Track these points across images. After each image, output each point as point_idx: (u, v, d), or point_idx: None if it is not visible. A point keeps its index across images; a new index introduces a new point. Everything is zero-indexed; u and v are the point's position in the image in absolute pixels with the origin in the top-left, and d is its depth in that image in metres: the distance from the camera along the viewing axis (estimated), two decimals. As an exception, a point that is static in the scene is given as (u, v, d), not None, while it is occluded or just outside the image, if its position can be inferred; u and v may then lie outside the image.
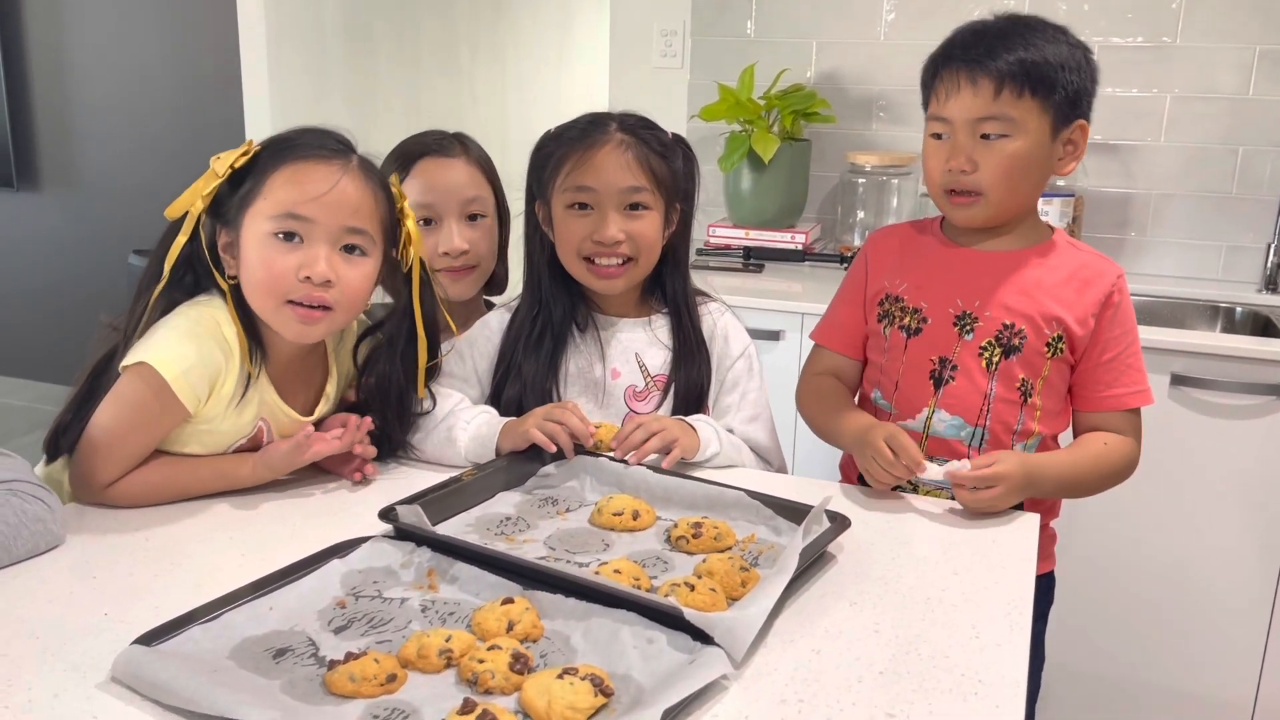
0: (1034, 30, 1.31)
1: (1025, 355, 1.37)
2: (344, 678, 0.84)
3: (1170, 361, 2.02)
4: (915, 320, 1.42)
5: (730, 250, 2.61)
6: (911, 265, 1.45)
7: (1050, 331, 1.36)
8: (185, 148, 3.78)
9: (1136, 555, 2.11)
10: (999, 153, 1.31)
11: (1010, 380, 1.37)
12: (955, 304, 1.39)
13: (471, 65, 3.91)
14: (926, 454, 1.38)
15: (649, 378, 1.46)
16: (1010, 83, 1.29)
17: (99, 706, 0.83)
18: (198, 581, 1.01)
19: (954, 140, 1.33)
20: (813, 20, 2.70)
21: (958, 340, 1.39)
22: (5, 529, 1.03)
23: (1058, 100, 1.30)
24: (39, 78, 4.05)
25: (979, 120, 1.31)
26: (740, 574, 1.03)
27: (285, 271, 1.18)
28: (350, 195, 1.20)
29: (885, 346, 1.45)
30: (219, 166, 1.20)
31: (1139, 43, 2.47)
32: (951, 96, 1.32)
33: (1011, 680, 0.91)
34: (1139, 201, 2.54)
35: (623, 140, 1.40)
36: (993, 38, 1.31)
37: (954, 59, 1.33)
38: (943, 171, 1.35)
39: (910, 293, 1.43)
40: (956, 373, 1.39)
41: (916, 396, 1.41)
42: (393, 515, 1.09)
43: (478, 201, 1.59)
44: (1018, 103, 1.29)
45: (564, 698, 0.81)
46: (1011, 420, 1.39)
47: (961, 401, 1.39)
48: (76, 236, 4.09)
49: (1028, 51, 1.29)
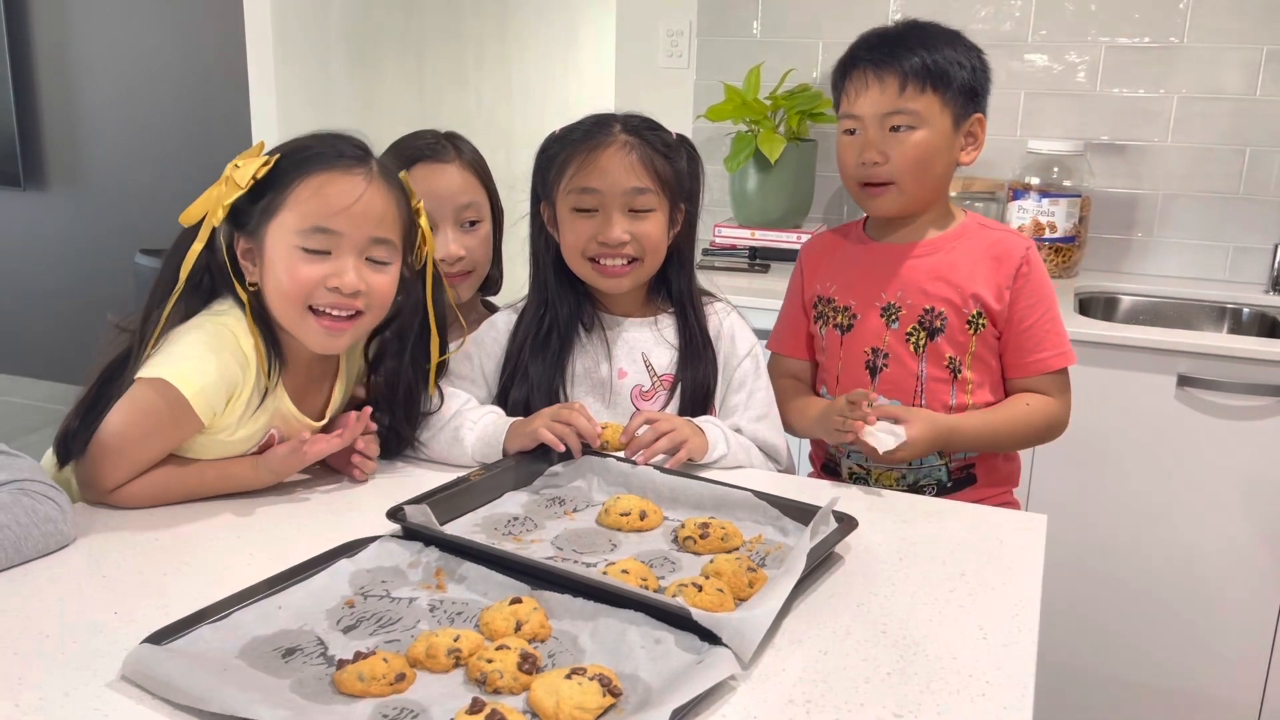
0: (930, 34, 1.44)
1: (949, 335, 1.47)
2: (353, 677, 0.85)
3: (1176, 362, 2.02)
4: (846, 318, 1.53)
5: (736, 250, 2.61)
6: (838, 267, 1.55)
7: (969, 309, 1.47)
8: (191, 148, 3.79)
9: (1141, 555, 2.11)
10: (906, 143, 1.42)
11: (939, 360, 1.48)
12: (880, 297, 1.50)
13: (478, 66, 3.92)
14: None
15: (655, 377, 1.47)
16: (913, 79, 1.40)
17: (109, 705, 0.83)
18: (207, 581, 1.02)
19: (865, 135, 1.44)
20: (819, 20, 2.70)
21: (885, 330, 1.50)
22: (16, 528, 1.03)
23: (954, 95, 1.42)
24: (46, 77, 4.06)
25: (886, 115, 1.42)
26: (748, 574, 1.03)
27: (311, 280, 1.19)
28: (376, 206, 1.21)
29: (823, 346, 1.56)
30: (240, 177, 1.19)
31: (1146, 43, 2.47)
32: (861, 94, 1.43)
33: (1020, 681, 0.91)
34: (1146, 202, 2.54)
35: (627, 141, 1.40)
36: (894, 41, 1.43)
37: (860, 60, 1.44)
38: (856, 165, 1.46)
39: (840, 293, 1.54)
40: (889, 360, 1.50)
41: (855, 387, 1.48)
42: (401, 515, 1.09)
43: (472, 208, 1.59)
44: (920, 97, 1.41)
45: (572, 698, 0.82)
46: (945, 397, 1.49)
47: (897, 386, 1.50)
48: (83, 235, 4.10)
49: (927, 51, 1.41)
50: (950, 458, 1.51)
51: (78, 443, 1.21)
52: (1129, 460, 2.09)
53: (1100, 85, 2.52)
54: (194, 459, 1.24)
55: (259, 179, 1.20)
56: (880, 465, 1.50)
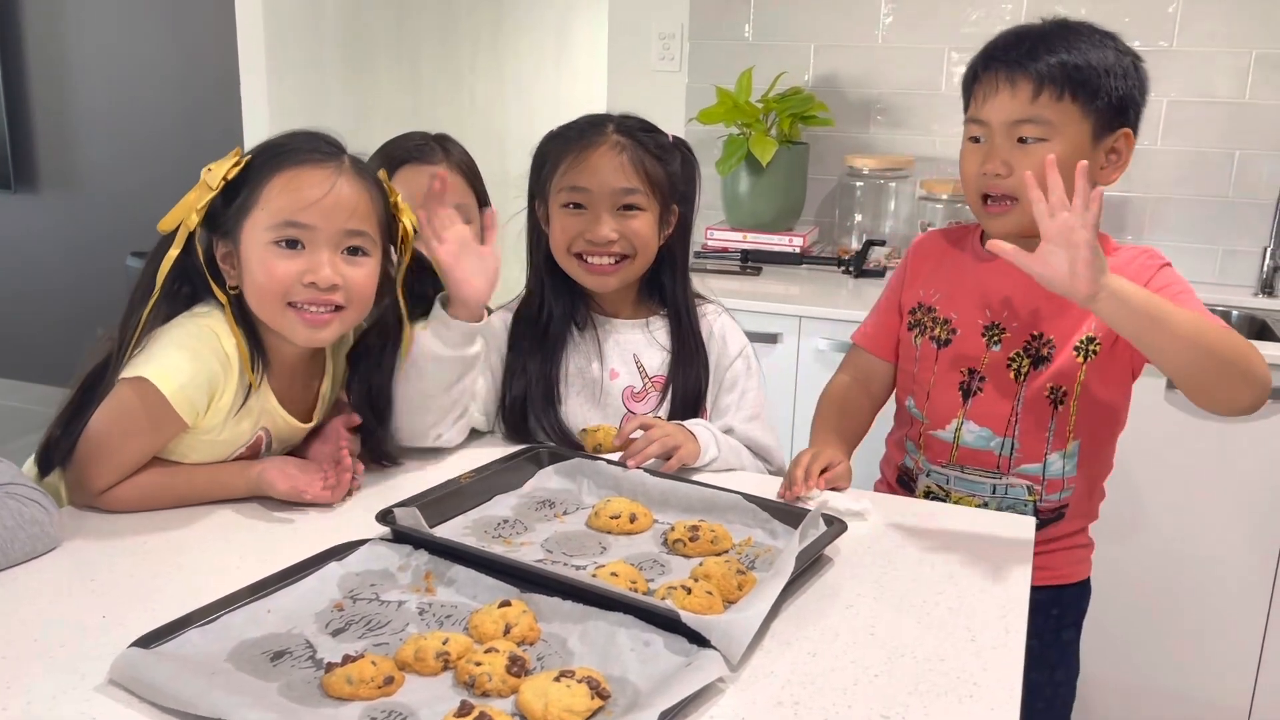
0: (1079, 34, 1.29)
1: (1055, 364, 1.34)
2: (341, 680, 0.85)
3: (1167, 365, 2.02)
4: (945, 331, 1.41)
5: (728, 253, 2.62)
6: (945, 275, 1.44)
7: (1078, 335, 1.33)
8: (183, 151, 3.78)
9: (1130, 557, 2.11)
10: (1035, 157, 1.25)
11: (1039, 389, 1.35)
12: (984, 315, 1.38)
13: (471, 70, 3.92)
14: (956, 462, 1.41)
15: (647, 379, 1.47)
16: (1049, 85, 1.25)
17: (97, 708, 0.83)
18: (196, 584, 1.01)
19: (990, 144, 1.31)
20: (811, 23, 2.70)
21: (985, 351, 1.38)
22: (2, 532, 1.03)
23: (1100, 106, 1.27)
24: (37, 80, 4.04)
25: (1016, 123, 1.28)
26: (737, 577, 1.03)
27: (288, 275, 1.18)
28: (347, 198, 1.20)
29: (916, 356, 1.45)
30: (211, 179, 1.19)
31: (1136, 47, 2.45)
32: (989, 98, 1.29)
33: (1007, 683, 0.91)
34: (1136, 205, 2.54)
35: (619, 142, 1.41)
36: (1034, 40, 1.28)
37: (994, 61, 1.30)
38: (978, 175, 1.32)
39: (942, 303, 1.42)
40: (985, 384, 1.38)
41: (946, 407, 1.41)
42: (390, 518, 1.09)
43: (461, 209, 1.59)
44: (1056, 106, 1.26)
45: (561, 700, 0.82)
46: (1043, 428, 1.36)
47: (989, 412, 1.38)
48: (74, 238, 4.08)
49: (1069, 54, 1.26)
50: (1041, 495, 1.38)
51: (59, 451, 1.20)
52: (1119, 463, 2.09)
53: (1091, 89, 2.52)
54: (184, 463, 1.23)
55: (230, 180, 1.19)
56: (961, 489, 1.41)
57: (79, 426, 1.19)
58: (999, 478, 1.40)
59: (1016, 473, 1.39)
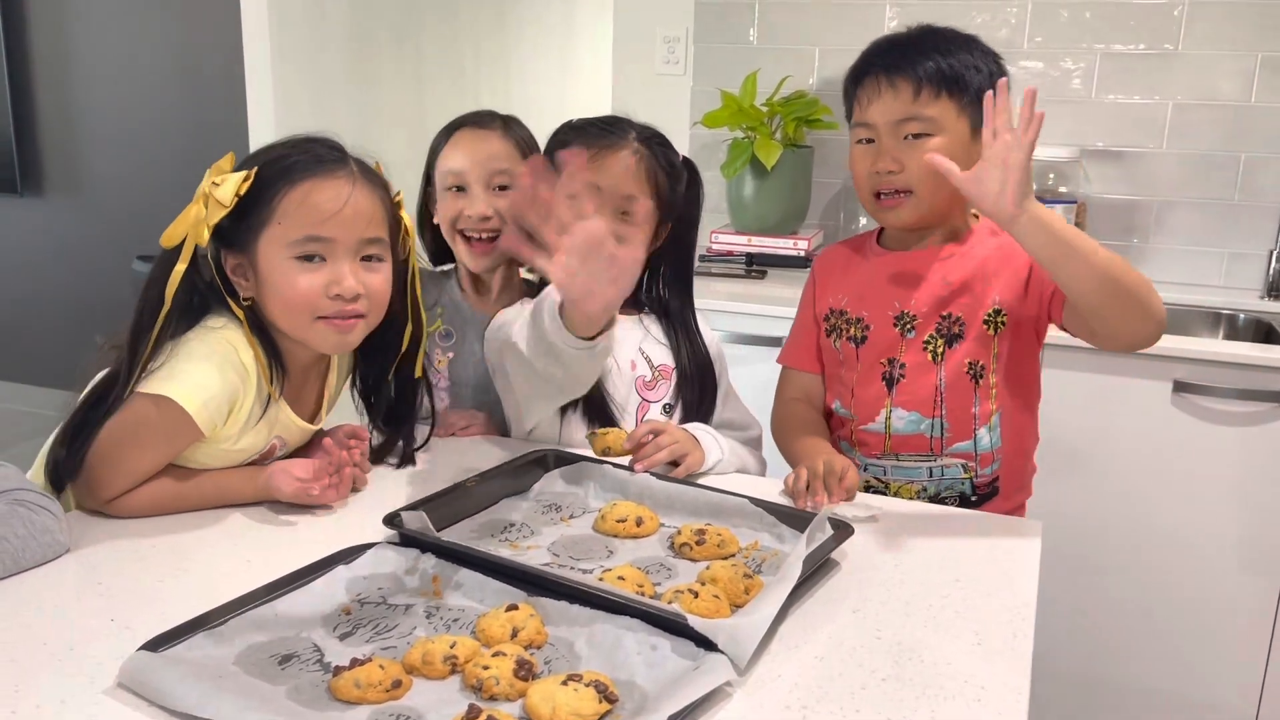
0: (945, 38, 1.40)
1: (968, 340, 1.42)
2: (349, 684, 0.85)
3: (1172, 368, 2.02)
4: (859, 329, 1.48)
5: (732, 256, 2.62)
6: (851, 279, 1.51)
7: (985, 309, 1.41)
8: (189, 154, 3.78)
9: (1137, 561, 2.11)
10: (922, 150, 1.35)
11: (958, 366, 1.43)
12: (893, 306, 1.46)
13: (475, 74, 3.92)
14: (891, 451, 1.46)
15: (654, 368, 1.50)
16: (927, 84, 1.36)
17: (106, 712, 0.83)
18: (204, 588, 1.02)
19: (879, 144, 1.39)
20: (815, 27, 2.71)
21: (901, 340, 1.45)
22: (15, 540, 1.03)
23: (971, 100, 1.37)
24: (43, 83, 4.06)
25: (900, 121, 1.37)
26: (744, 581, 1.03)
27: (312, 290, 1.20)
28: (364, 207, 1.22)
29: (840, 359, 1.51)
30: (222, 195, 1.18)
31: (1141, 50, 2.48)
32: (874, 101, 1.39)
33: (1014, 687, 0.91)
34: (1141, 208, 2.54)
35: (638, 150, 1.43)
36: (906, 46, 1.39)
37: (873, 66, 1.40)
38: (870, 174, 1.41)
39: (852, 304, 1.50)
40: (905, 369, 1.45)
41: (872, 400, 1.46)
42: (397, 521, 1.09)
43: (507, 174, 1.60)
44: (935, 103, 1.36)
45: (568, 704, 0.82)
46: (968, 404, 1.43)
47: (914, 396, 1.44)
48: (80, 242, 4.09)
49: (941, 56, 1.37)
50: (975, 471, 1.44)
51: (68, 468, 1.19)
52: (1125, 466, 2.09)
53: (1096, 92, 2.53)
54: (193, 469, 1.23)
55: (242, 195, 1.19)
56: (899, 478, 1.47)
57: (84, 445, 1.18)
58: (933, 460, 1.45)
59: (950, 452, 1.44)
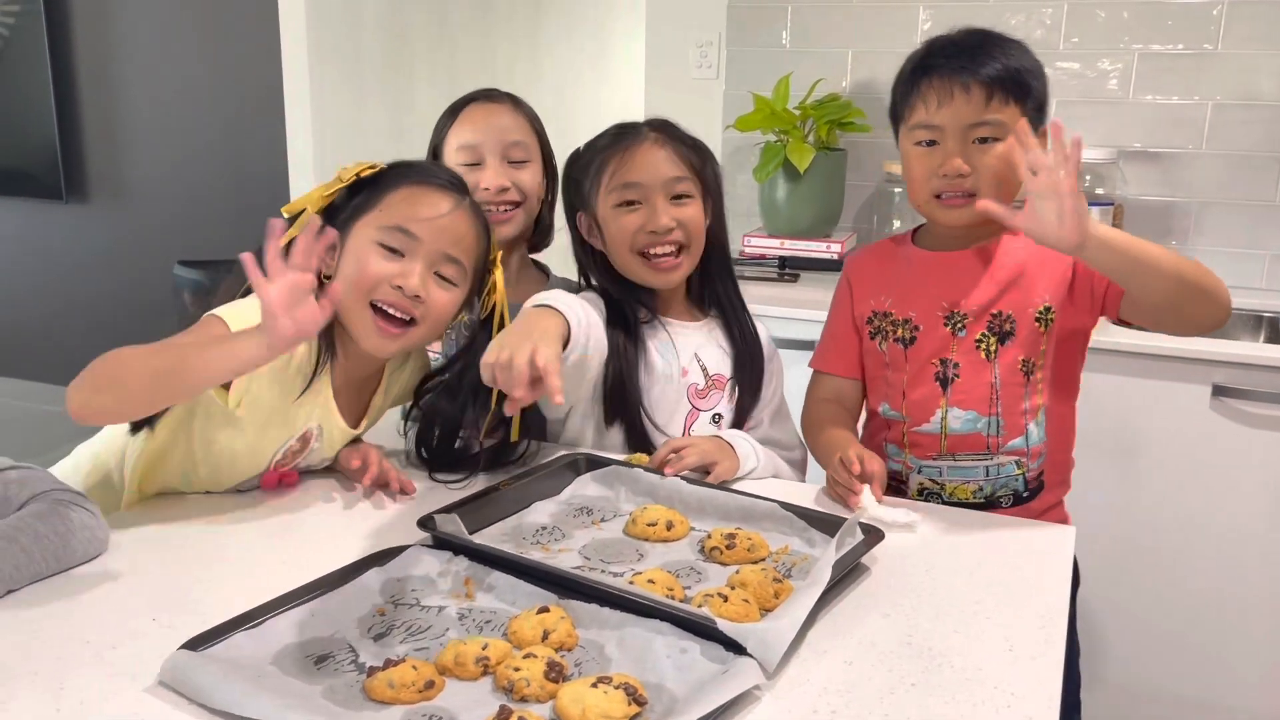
0: (1004, 43, 1.39)
1: (1020, 337, 1.41)
2: (383, 684, 0.86)
3: (1212, 372, 2.00)
4: (908, 330, 1.47)
5: (765, 260, 2.62)
6: (892, 281, 1.50)
7: (1034, 306, 1.41)
8: (228, 162, 3.85)
9: (1176, 566, 2.08)
10: (992, 155, 1.35)
11: (1011, 364, 1.42)
12: (942, 306, 1.44)
13: (509, 78, 3.95)
14: (947, 452, 1.45)
15: (709, 377, 1.50)
16: (999, 89, 1.35)
17: (147, 709, 0.85)
18: (243, 588, 1.03)
19: (945, 146, 1.38)
20: (848, 30, 2.70)
21: (953, 339, 1.44)
22: (55, 538, 1.06)
23: (1032, 106, 1.38)
24: (87, 95, 4.14)
25: (972, 125, 1.36)
26: (773, 585, 1.03)
27: (380, 275, 1.24)
28: (459, 225, 1.28)
29: (886, 360, 1.49)
30: (345, 174, 1.29)
31: (1180, 50, 2.45)
32: (944, 104, 1.37)
33: (1045, 693, 0.91)
34: (1180, 210, 2.51)
35: (656, 138, 1.45)
36: (974, 49, 1.38)
37: (940, 69, 1.38)
38: (932, 177, 1.39)
39: (896, 306, 1.48)
40: (959, 369, 1.44)
41: (926, 401, 1.45)
42: (431, 524, 1.11)
43: (520, 147, 1.62)
44: (1004, 109, 1.35)
45: (598, 706, 0.83)
46: (1019, 400, 1.42)
47: (971, 395, 1.43)
48: (123, 247, 4.17)
49: (1008, 60, 1.36)
50: (1027, 467, 1.44)
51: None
52: (1163, 471, 2.07)
53: (1133, 93, 2.50)
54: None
55: (362, 178, 1.28)
56: (956, 479, 1.45)
57: None
58: (990, 458, 1.44)
59: (1005, 450, 1.43)
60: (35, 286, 4.40)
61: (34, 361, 4.47)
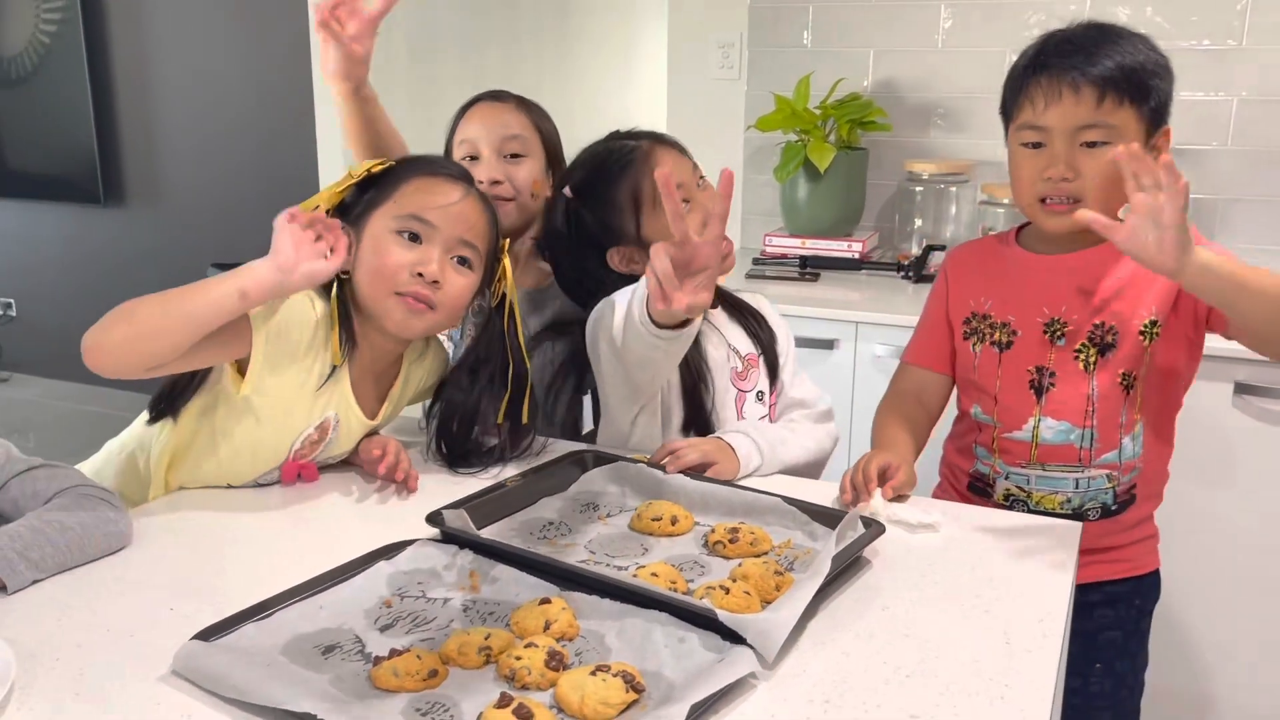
0: (1124, 38, 1.32)
1: (1123, 350, 1.37)
2: (388, 673, 0.88)
3: (1234, 370, 1.99)
4: (1005, 334, 1.43)
5: (786, 259, 2.62)
6: (994, 281, 1.46)
7: (1140, 319, 1.36)
8: (260, 166, 3.92)
9: (1196, 565, 2.07)
10: (1100, 160, 1.28)
11: (1112, 377, 1.38)
12: (1042, 312, 1.40)
13: (537, 84, 3.97)
14: (1037, 461, 1.42)
15: (742, 358, 1.51)
16: (1112, 90, 1.29)
17: (161, 695, 0.88)
18: (257, 580, 1.06)
19: (1052, 149, 1.32)
20: (870, 29, 2.70)
21: (1051, 347, 1.40)
22: (80, 530, 1.10)
23: (1150, 107, 1.31)
24: (124, 102, 4.23)
25: (1081, 128, 1.30)
26: (775, 578, 1.05)
27: (400, 265, 1.29)
28: (471, 212, 1.34)
29: (976, 364, 1.46)
30: (356, 171, 1.34)
31: (1205, 45, 2.43)
32: (1051, 105, 1.31)
33: (1039, 686, 0.91)
34: (1205, 207, 2.49)
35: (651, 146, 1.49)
36: (1088, 46, 1.31)
37: (1050, 67, 1.31)
38: (1039, 180, 1.33)
39: (996, 308, 1.44)
40: (1055, 379, 1.40)
41: (1019, 408, 1.42)
42: (439, 519, 1.13)
43: (518, 141, 1.66)
44: (1118, 110, 1.29)
45: (597, 693, 0.85)
46: (1116, 414, 1.39)
47: (1066, 406, 1.40)
48: (159, 249, 4.26)
49: (1124, 58, 1.29)
50: (1118, 480, 1.41)
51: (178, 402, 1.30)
52: (1185, 468, 2.04)
53: (1157, 89, 2.48)
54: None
55: (374, 174, 1.33)
56: (1044, 488, 1.42)
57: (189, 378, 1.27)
58: (1081, 471, 1.41)
59: (1097, 464, 1.41)
60: (74, 287, 4.51)
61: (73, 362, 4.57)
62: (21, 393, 4.61)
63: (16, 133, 4.43)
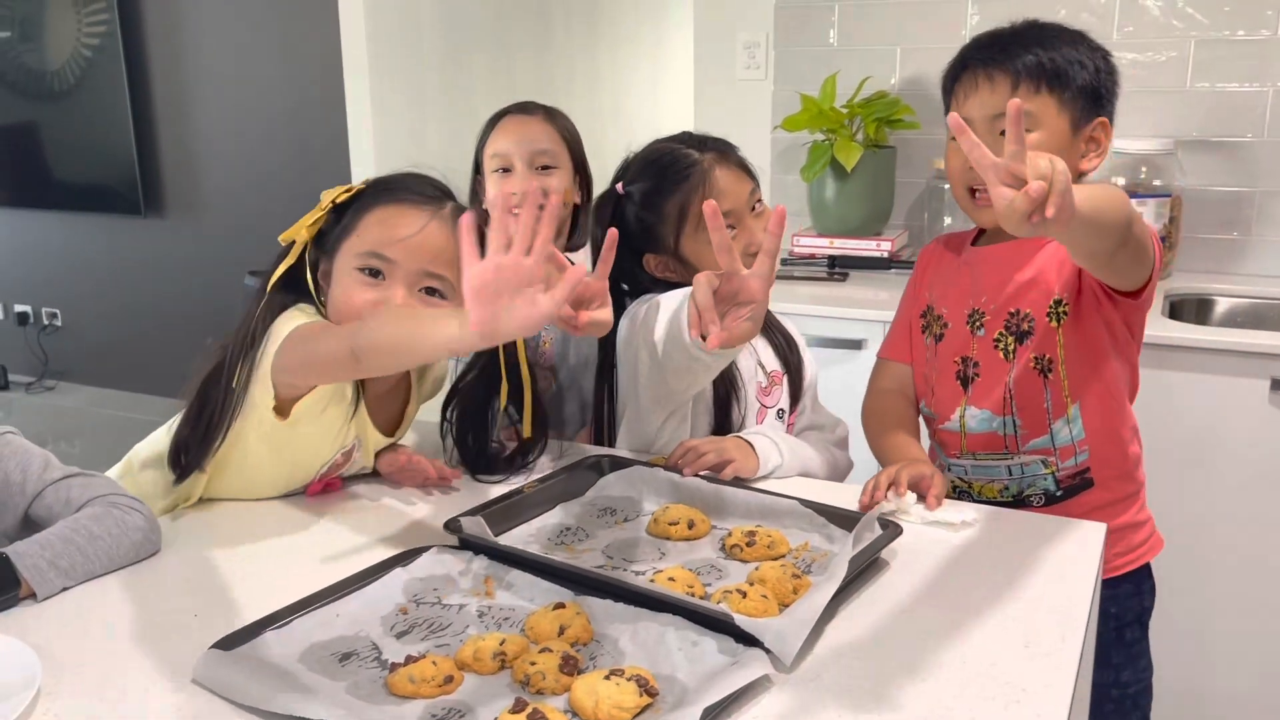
0: (1050, 33, 1.35)
1: (1036, 335, 1.38)
2: (404, 679, 0.89)
3: (1271, 366, 1.95)
4: (939, 327, 1.46)
5: (815, 259, 2.62)
6: (941, 276, 1.50)
7: (1047, 301, 1.37)
8: (295, 176, 3.97)
9: (1234, 563, 2.03)
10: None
11: (1026, 364, 1.39)
12: (967, 304, 1.43)
13: (568, 88, 3.99)
14: (968, 451, 1.44)
15: (768, 374, 1.52)
16: (1026, 78, 1.32)
17: (184, 701, 0.89)
18: (277, 589, 1.07)
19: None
20: (896, 27, 2.69)
21: (972, 338, 1.42)
22: (109, 539, 1.12)
23: (1074, 96, 1.33)
24: (163, 115, 4.31)
25: (997, 116, 1.31)
26: (792, 581, 1.05)
27: (362, 303, 1.24)
28: (434, 241, 1.25)
29: (927, 357, 1.49)
30: (324, 199, 1.30)
31: (1239, 36, 2.39)
32: (970, 96, 1.35)
33: (1057, 690, 0.90)
34: (1242, 200, 2.45)
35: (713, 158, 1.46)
36: (1008, 40, 1.35)
37: (971, 61, 1.36)
38: (964, 170, 1.37)
39: (938, 302, 1.48)
40: (979, 368, 1.43)
41: (949, 399, 1.45)
42: (457, 526, 1.14)
43: (549, 154, 1.70)
44: (1034, 98, 1.32)
45: (611, 697, 0.85)
46: (1039, 399, 1.39)
47: (987, 395, 1.42)
48: (197, 258, 4.33)
49: (1043, 49, 1.32)
50: (1056, 466, 1.40)
51: (196, 456, 1.26)
52: (1224, 465, 2.03)
53: (1190, 81, 2.45)
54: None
55: (341, 204, 1.29)
56: (980, 477, 1.45)
57: (207, 426, 1.24)
58: (1010, 458, 1.42)
59: (1027, 449, 1.41)
60: (115, 296, 4.60)
61: (114, 370, 4.67)
62: (67, 400, 4.70)
63: (59, 145, 4.53)
